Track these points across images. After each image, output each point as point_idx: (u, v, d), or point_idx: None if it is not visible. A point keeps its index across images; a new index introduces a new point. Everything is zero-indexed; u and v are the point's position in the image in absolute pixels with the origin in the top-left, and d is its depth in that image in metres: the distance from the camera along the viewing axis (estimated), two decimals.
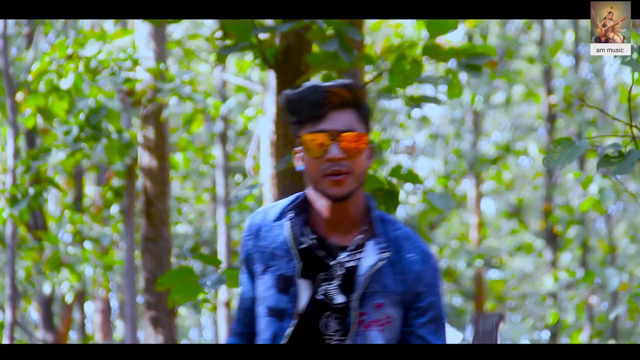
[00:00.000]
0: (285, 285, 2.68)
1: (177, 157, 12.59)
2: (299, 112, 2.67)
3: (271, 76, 5.45)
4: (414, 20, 11.58)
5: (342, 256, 2.69)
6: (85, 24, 11.74)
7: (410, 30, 13.17)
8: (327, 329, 2.67)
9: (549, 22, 15.66)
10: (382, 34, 13.99)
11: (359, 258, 2.70)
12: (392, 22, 13.23)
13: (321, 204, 2.70)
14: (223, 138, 13.21)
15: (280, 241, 2.72)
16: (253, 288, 2.79)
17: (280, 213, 2.76)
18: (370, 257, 2.69)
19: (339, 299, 2.67)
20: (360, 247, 2.71)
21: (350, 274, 2.68)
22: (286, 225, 2.72)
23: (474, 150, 16.22)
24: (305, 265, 2.68)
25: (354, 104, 2.67)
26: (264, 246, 2.74)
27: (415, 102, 5.20)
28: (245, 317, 2.82)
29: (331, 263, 2.69)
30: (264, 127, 7.44)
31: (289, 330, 2.67)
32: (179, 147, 13.19)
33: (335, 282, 2.68)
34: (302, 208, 2.74)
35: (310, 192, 2.74)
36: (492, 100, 15.57)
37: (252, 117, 12.24)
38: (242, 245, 2.80)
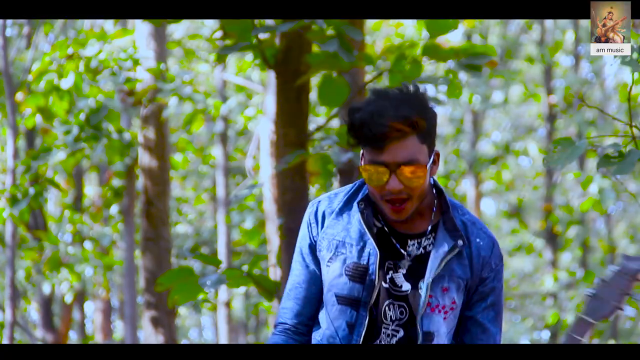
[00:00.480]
0: (359, 274, 2.71)
1: (177, 158, 12.58)
2: (359, 138, 2.67)
3: (271, 76, 5.44)
4: (414, 20, 11.58)
5: (412, 244, 2.73)
6: (86, 24, 11.73)
7: (410, 30, 13.16)
8: (386, 318, 2.70)
9: (549, 22, 15.66)
10: (382, 34, 13.98)
11: (429, 244, 2.73)
12: (392, 22, 13.22)
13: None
14: (223, 138, 13.21)
15: (351, 230, 2.75)
16: (313, 274, 2.80)
17: (345, 201, 2.79)
18: (443, 244, 2.72)
19: (406, 286, 2.70)
20: (430, 233, 2.75)
21: (418, 261, 2.72)
22: (359, 216, 2.74)
23: (473, 150, 16.21)
24: (380, 255, 2.71)
25: (415, 132, 2.65)
26: (332, 234, 2.76)
27: None
28: (303, 308, 2.80)
29: (403, 252, 2.73)
30: (263, 127, 7.43)
31: (365, 320, 2.69)
32: (178, 148, 13.18)
33: (402, 270, 2.71)
34: (370, 200, 2.76)
35: None
36: (491, 100, 15.54)
37: (252, 117, 12.23)
38: (305, 232, 2.81)
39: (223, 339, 12.71)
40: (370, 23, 12.90)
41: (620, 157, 3.30)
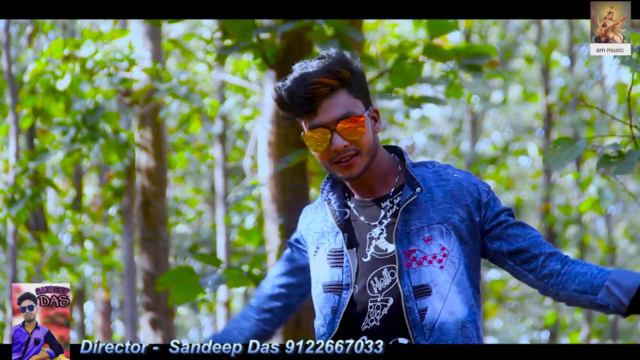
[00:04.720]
0: (337, 258, 2.73)
1: (176, 157, 12.58)
2: (291, 109, 2.70)
3: (268, 76, 5.45)
4: (411, 21, 11.57)
5: (385, 205, 2.73)
6: (85, 24, 11.73)
7: (406, 30, 13.15)
8: (372, 291, 2.68)
9: (546, 22, 15.66)
10: (378, 34, 13.97)
11: (401, 201, 2.71)
12: (388, 22, 13.21)
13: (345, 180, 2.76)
14: (222, 138, 13.20)
15: (328, 220, 2.78)
16: (294, 268, 2.90)
17: (321, 192, 2.83)
18: (405, 195, 2.70)
19: (390, 247, 2.68)
20: (398, 190, 2.73)
21: (393, 220, 2.71)
22: (325, 202, 2.78)
23: (472, 150, 16.22)
24: (350, 235, 2.72)
25: (343, 85, 2.68)
26: (314, 228, 2.81)
27: (416, 102, 5.20)
28: (272, 298, 2.92)
29: (379, 213, 2.72)
30: (261, 127, 7.44)
31: (345, 301, 2.68)
32: (175, 148, 13.16)
33: (384, 234, 2.70)
34: (335, 180, 2.80)
35: None
36: (490, 100, 15.53)
37: (249, 117, 12.23)
38: (297, 228, 2.91)
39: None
40: (366, 23, 12.88)
41: (620, 157, 3.31)
